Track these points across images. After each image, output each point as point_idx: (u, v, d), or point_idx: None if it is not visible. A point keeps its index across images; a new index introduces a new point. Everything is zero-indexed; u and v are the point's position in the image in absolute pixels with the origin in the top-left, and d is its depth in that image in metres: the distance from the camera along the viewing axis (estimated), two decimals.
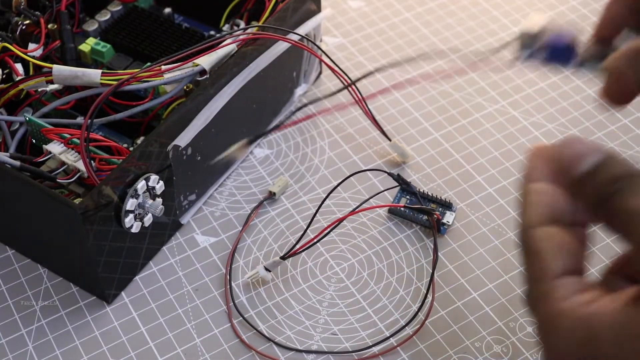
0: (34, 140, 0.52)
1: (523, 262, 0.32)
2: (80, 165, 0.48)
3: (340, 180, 0.54)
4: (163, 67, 0.52)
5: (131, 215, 0.48)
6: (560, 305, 0.30)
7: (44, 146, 0.50)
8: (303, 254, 0.53)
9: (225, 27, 0.62)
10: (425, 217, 0.54)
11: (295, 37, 0.55)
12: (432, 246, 0.53)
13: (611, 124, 0.62)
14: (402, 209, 0.54)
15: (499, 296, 0.51)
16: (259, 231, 0.55)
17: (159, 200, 0.50)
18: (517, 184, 0.57)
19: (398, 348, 0.48)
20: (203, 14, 0.62)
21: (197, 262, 0.53)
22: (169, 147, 0.50)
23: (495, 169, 0.58)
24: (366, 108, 0.57)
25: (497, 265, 0.53)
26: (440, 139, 0.60)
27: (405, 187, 0.55)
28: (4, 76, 0.53)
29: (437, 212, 0.54)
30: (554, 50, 0.38)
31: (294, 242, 0.51)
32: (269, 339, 0.49)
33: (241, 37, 0.54)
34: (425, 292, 0.51)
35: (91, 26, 0.61)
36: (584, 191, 0.31)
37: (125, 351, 0.49)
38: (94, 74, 0.51)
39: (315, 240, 0.51)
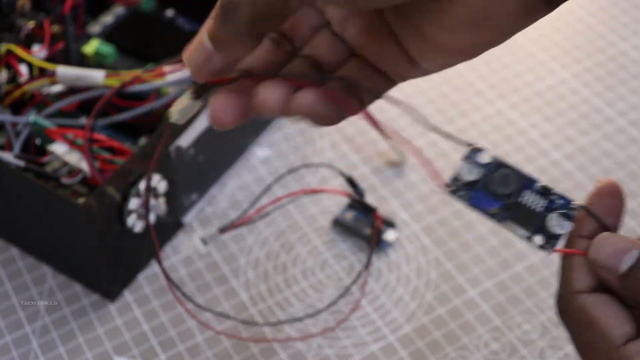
0: (38, 141, 0.52)
1: (572, 333, 0.31)
2: (84, 165, 0.49)
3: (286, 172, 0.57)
4: (166, 69, 0.52)
5: (134, 215, 0.49)
6: None
7: (48, 146, 0.50)
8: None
9: None
10: (367, 230, 0.54)
11: None
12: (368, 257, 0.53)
13: (609, 124, 0.62)
14: (347, 219, 0.55)
15: (499, 293, 0.52)
16: (259, 231, 0.55)
17: (162, 199, 0.51)
18: None
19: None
20: (205, 15, 0.62)
21: (199, 261, 0.54)
22: (172, 148, 0.51)
23: None
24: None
25: (497, 264, 0.53)
26: (439, 139, 0.61)
27: (354, 193, 0.55)
28: (9, 78, 0.54)
29: (380, 216, 0.53)
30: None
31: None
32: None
33: None
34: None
35: (95, 28, 0.61)
36: (625, 286, 0.30)
37: (128, 349, 0.49)
38: (98, 76, 0.52)
39: (254, 218, 0.54)
